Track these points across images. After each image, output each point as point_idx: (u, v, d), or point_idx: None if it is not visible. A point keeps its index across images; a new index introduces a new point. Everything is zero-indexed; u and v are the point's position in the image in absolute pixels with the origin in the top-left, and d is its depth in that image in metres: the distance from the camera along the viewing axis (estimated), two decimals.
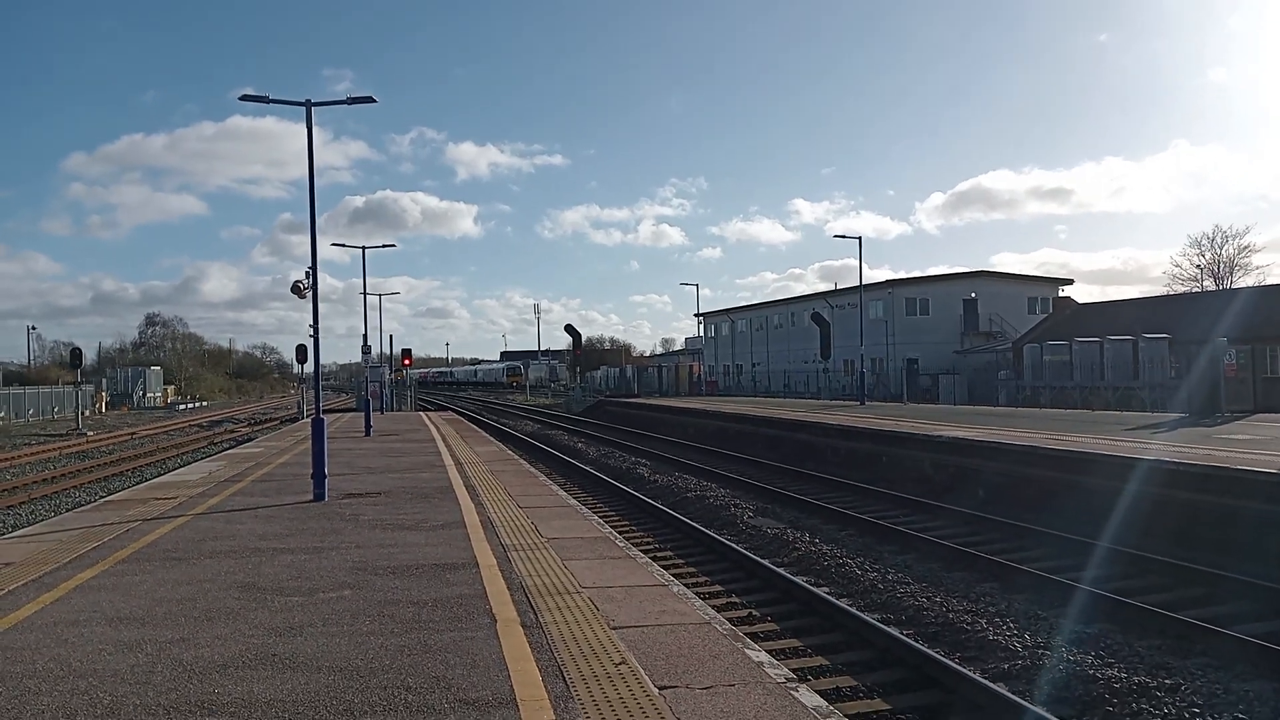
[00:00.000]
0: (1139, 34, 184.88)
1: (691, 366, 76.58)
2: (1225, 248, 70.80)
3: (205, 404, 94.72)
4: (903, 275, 70.84)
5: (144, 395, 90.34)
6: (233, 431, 44.37)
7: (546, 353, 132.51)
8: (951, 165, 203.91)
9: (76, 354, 52.18)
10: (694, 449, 30.79)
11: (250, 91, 15.31)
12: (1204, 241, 73.18)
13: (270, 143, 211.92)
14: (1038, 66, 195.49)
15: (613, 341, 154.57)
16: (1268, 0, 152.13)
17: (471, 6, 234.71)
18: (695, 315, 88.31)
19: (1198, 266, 72.05)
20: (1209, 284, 69.18)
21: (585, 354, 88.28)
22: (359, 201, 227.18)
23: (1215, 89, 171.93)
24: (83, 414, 49.13)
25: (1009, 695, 7.49)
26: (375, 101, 16.17)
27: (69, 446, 35.45)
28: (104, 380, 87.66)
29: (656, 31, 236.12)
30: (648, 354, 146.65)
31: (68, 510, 17.17)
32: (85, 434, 42.13)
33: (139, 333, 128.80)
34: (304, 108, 15.37)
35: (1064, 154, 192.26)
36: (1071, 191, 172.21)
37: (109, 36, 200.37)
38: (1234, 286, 64.10)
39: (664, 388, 70.62)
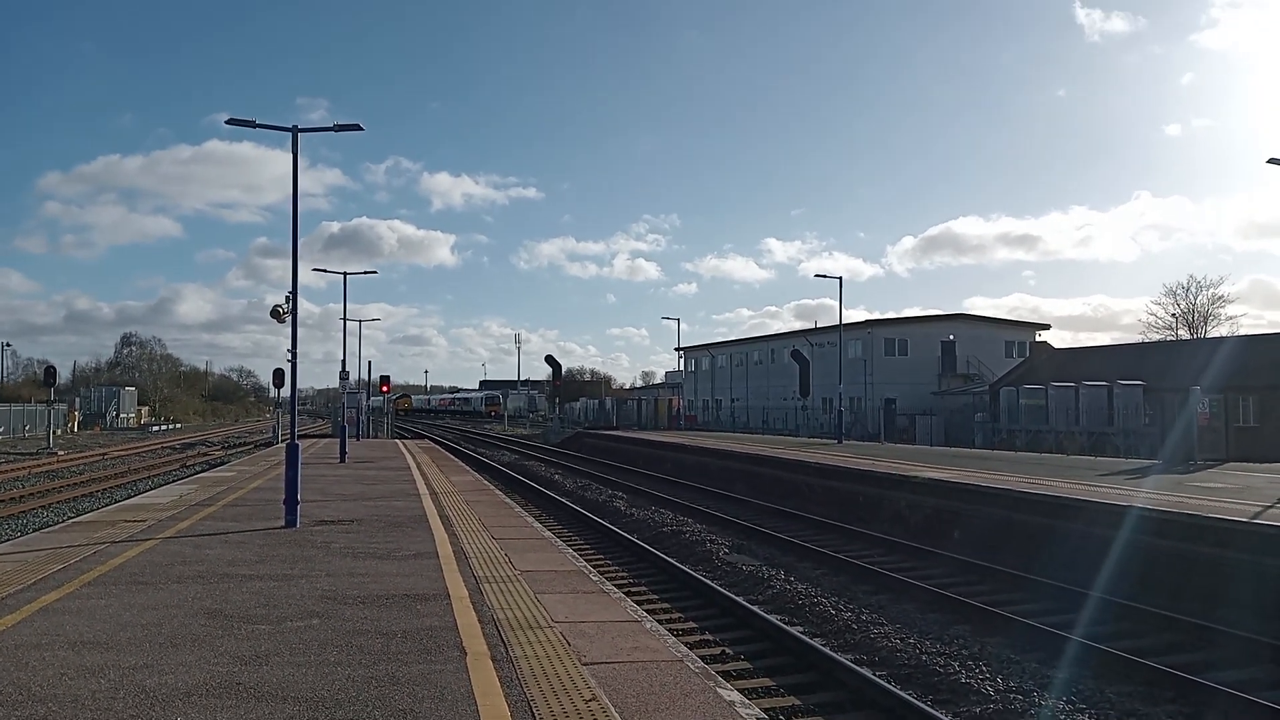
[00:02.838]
0: (1096, 89, 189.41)
1: (671, 400, 76.49)
2: (1199, 297, 71.87)
3: (179, 426, 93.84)
4: (878, 316, 71.25)
5: (118, 416, 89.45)
6: (206, 454, 43.93)
7: (526, 383, 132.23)
8: (921, 210, 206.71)
9: (51, 372, 51.59)
10: (671, 483, 30.73)
11: (230, 116, 15.29)
12: (1178, 291, 74.18)
13: (246, 168, 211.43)
14: (1000, 119, 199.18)
15: (593, 373, 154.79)
16: (1217, 60, 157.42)
17: (446, 40, 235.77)
18: (675, 349, 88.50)
19: (1172, 315, 73.06)
20: (1183, 333, 70.10)
21: (564, 385, 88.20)
22: (335, 228, 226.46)
23: (1172, 143, 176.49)
24: (54, 433, 48.51)
25: None
26: (361, 129, 16.21)
27: (39, 465, 34.99)
28: (78, 399, 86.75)
29: (626, 72, 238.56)
30: (627, 386, 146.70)
31: (35, 530, 16.91)
32: (56, 453, 41.59)
33: (115, 352, 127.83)
34: (290, 133, 15.39)
35: (1031, 202, 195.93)
36: (1039, 238, 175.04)
37: (87, 58, 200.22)
38: (1207, 336, 64.97)
39: (643, 421, 70.59)
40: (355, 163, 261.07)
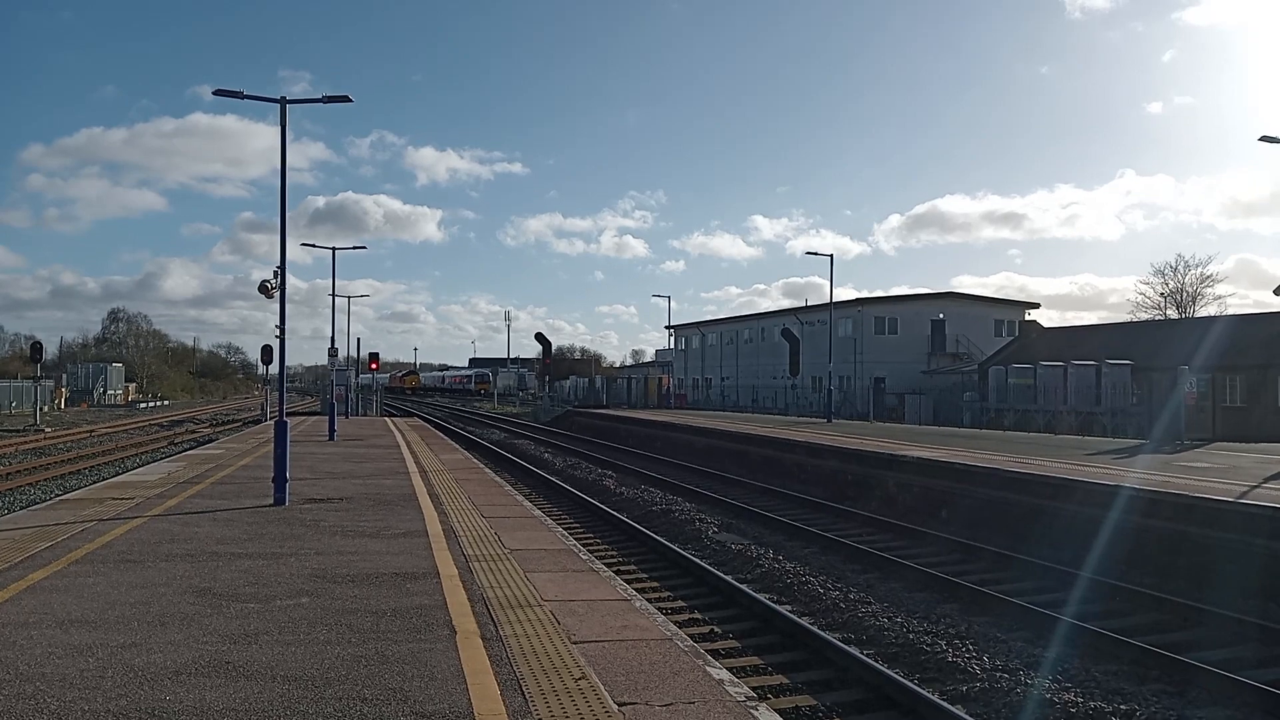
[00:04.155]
0: (1079, 67, 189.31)
1: (661, 379, 76.51)
2: (1187, 277, 72.06)
3: (167, 403, 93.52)
4: (866, 294, 71.59)
5: (105, 392, 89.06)
6: (194, 432, 43.81)
7: (515, 360, 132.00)
8: (907, 188, 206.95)
9: (37, 348, 51.25)
10: (661, 462, 30.77)
11: (214, 89, 15.08)
12: (1166, 270, 74.33)
13: (230, 141, 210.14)
14: (984, 97, 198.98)
15: (583, 351, 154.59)
16: (1199, 37, 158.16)
17: (428, 13, 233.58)
18: (666, 327, 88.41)
19: (1161, 295, 73.25)
20: (1172, 312, 70.32)
21: (554, 363, 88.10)
22: (320, 202, 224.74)
23: (1155, 121, 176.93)
24: (41, 410, 48.28)
25: (966, 718, 7.53)
26: (350, 101, 15.98)
27: (25, 442, 34.81)
28: (64, 376, 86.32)
29: (609, 47, 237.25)
30: (617, 365, 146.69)
31: (21, 508, 16.85)
32: (43, 430, 41.42)
33: (102, 328, 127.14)
34: (278, 105, 15.20)
35: (1017, 180, 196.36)
36: (1025, 217, 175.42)
37: (66, 28, 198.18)
38: (1196, 315, 65.21)
39: (633, 399, 70.55)
40: (339, 137, 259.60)
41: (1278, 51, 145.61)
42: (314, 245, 39.68)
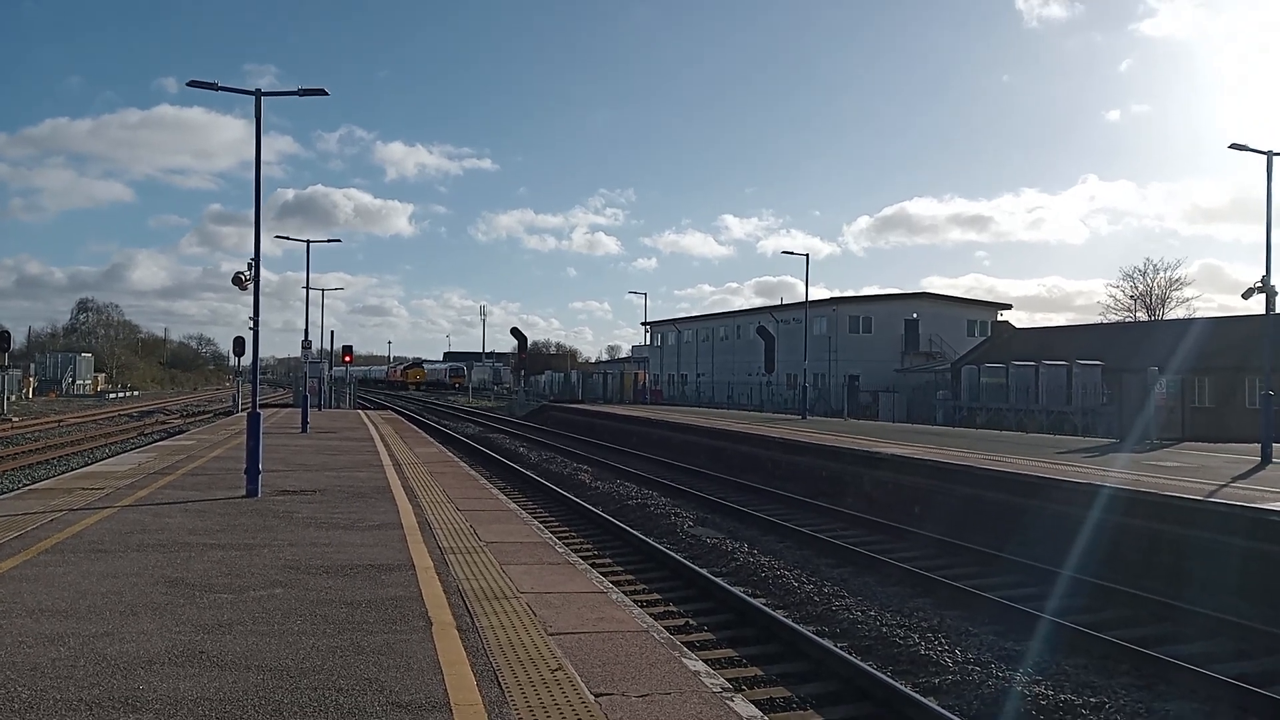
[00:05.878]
0: (1038, 76, 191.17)
1: (637, 374, 76.57)
2: (1155, 280, 73.06)
3: (137, 394, 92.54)
4: (838, 294, 71.97)
5: (74, 382, 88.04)
6: (164, 423, 43.38)
7: (490, 355, 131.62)
8: (875, 191, 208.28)
9: (4, 337, 50.49)
10: (637, 457, 30.80)
11: (182, 82, 14.96)
12: (1135, 274, 75.36)
13: (197, 133, 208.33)
14: (949, 103, 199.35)
15: (558, 346, 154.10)
16: (1155, 48, 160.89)
17: (394, 8, 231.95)
18: (642, 324, 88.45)
19: (1131, 298, 74.22)
20: (1141, 315, 71.23)
21: (530, 358, 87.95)
22: (289, 195, 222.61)
23: (1113, 129, 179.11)
24: (8, 399, 47.61)
25: (939, 710, 7.59)
26: (326, 94, 15.94)
27: None
28: (32, 365, 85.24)
29: (575, 44, 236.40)
30: (592, 360, 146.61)
31: None
32: (10, 419, 40.86)
33: (71, 318, 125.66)
34: (253, 96, 15.07)
35: (983, 184, 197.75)
36: (991, 219, 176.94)
37: (31, 19, 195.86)
38: (1165, 318, 66.08)
39: (609, 394, 70.55)
40: (307, 130, 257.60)
41: (1230, 62, 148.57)
42: (287, 238, 39.66)
